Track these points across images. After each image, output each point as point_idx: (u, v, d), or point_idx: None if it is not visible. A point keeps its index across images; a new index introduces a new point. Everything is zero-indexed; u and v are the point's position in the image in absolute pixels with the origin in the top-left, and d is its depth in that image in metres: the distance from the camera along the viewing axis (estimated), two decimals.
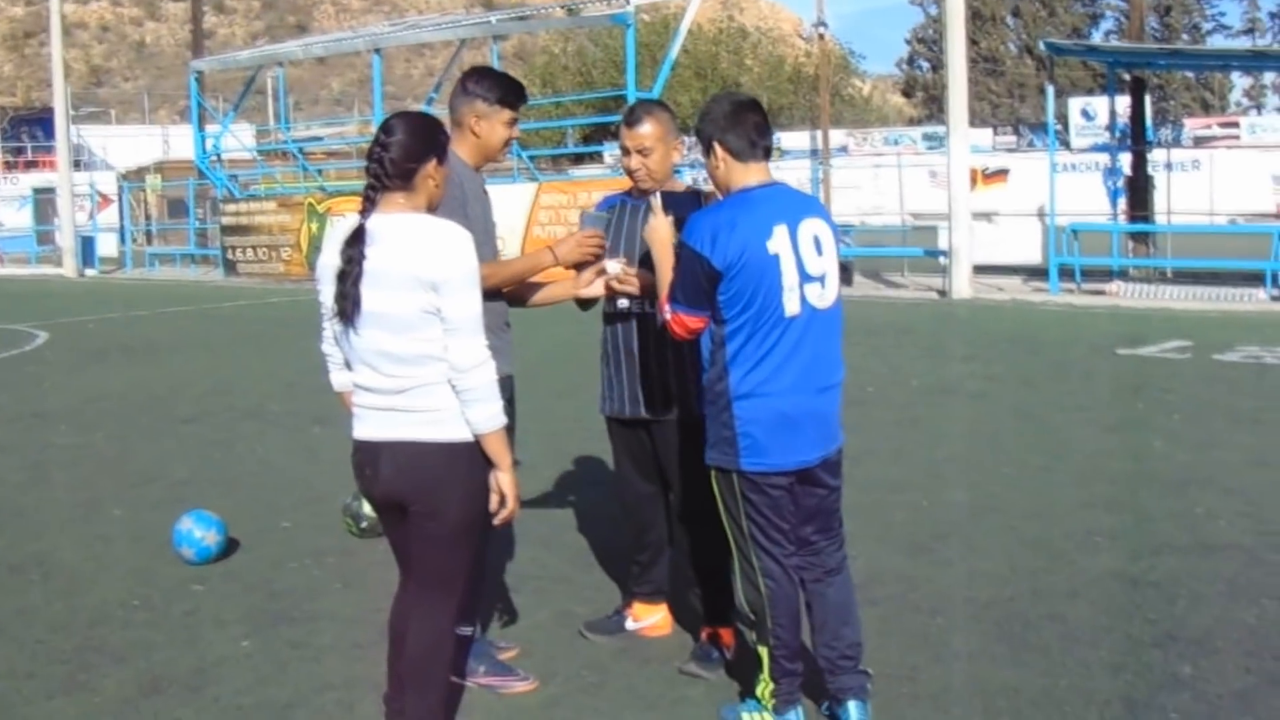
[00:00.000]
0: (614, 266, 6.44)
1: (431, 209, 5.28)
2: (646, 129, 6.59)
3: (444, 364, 5.07)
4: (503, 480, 5.22)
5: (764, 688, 5.89)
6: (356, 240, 5.08)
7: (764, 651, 5.88)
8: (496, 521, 5.31)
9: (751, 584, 5.90)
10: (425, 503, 5.18)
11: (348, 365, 5.35)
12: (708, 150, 5.79)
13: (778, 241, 5.56)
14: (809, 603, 5.97)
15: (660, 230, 6.00)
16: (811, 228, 5.67)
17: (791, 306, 5.59)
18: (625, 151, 6.68)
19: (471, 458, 5.17)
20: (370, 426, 5.23)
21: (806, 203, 5.84)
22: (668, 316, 5.76)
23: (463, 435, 5.14)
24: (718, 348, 5.72)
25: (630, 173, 6.68)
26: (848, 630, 5.90)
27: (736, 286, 5.55)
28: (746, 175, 5.74)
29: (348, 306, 5.07)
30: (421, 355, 5.05)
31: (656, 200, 6.15)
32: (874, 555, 8.48)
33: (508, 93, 6.31)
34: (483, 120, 6.25)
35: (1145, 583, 7.82)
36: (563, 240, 6.44)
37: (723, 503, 5.92)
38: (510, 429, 5.33)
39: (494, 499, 5.25)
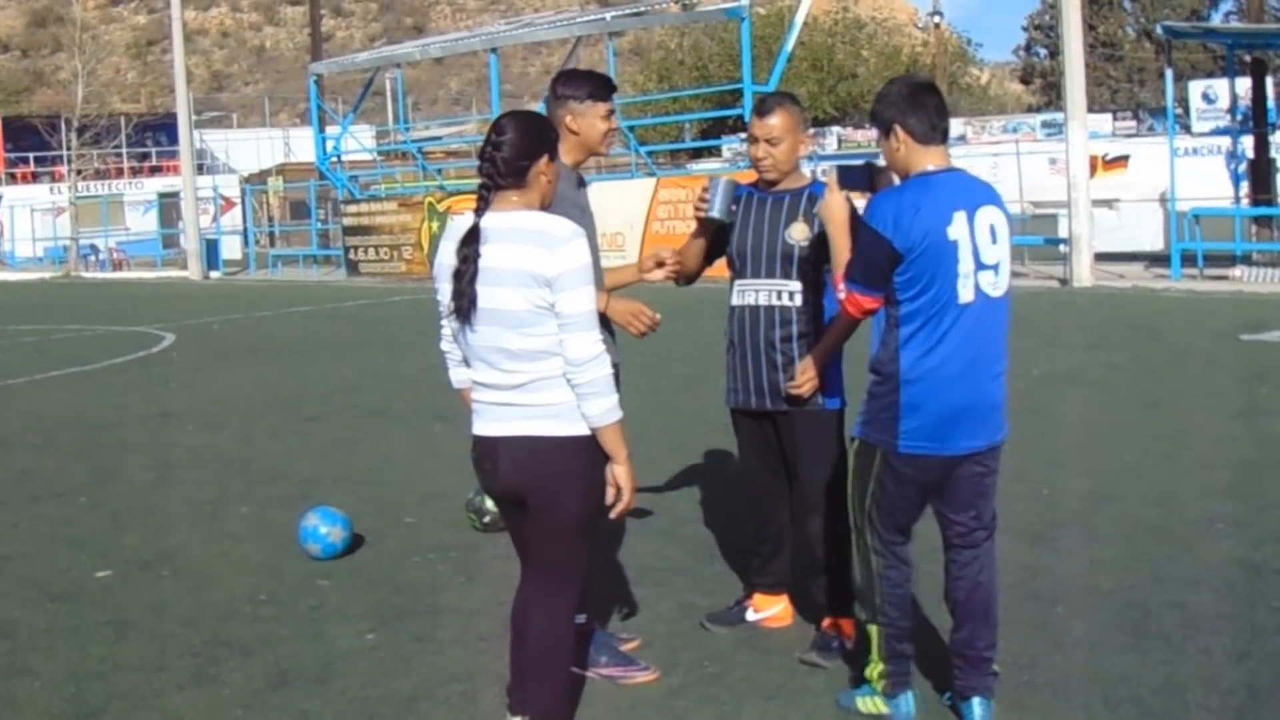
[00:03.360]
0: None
1: (545, 206, 5.35)
2: (776, 119, 6.66)
3: (560, 359, 5.13)
4: (619, 473, 5.27)
5: (873, 668, 5.94)
6: (471, 239, 5.17)
7: (874, 630, 5.93)
8: (613, 515, 5.36)
9: (864, 560, 5.96)
10: (543, 497, 5.26)
11: (466, 362, 5.43)
12: (887, 133, 5.77)
13: (957, 228, 5.56)
14: (955, 598, 5.96)
15: (836, 208, 6.04)
16: (988, 216, 5.66)
17: (966, 294, 5.59)
18: (753, 140, 6.75)
19: (588, 452, 5.24)
20: (489, 422, 5.32)
21: (984, 190, 5.80)
22: (842, 296, 5.79)
23: (579, 430, 5.20)
24: (891, 329, 5.73)
25: (756, 162, 6.75)
26: (987, 629, 5.88)
27: (915, 270, 5.56)
28: (926, 158, 5.72)
29: (464, 305, 5.16)
30: (537, 351, 5.13)
31: (833, 177, 6.19)
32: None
33: (596, 87, 6.43)
34: (579, 118, 6.37)
35: (1269, 570, 7.75)
36: (620, 299, 6.43)
37: (854, 475, 5.95)
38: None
39: (610, 491, 5.30)
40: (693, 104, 63.05)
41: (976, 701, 5.82)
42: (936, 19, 64.74)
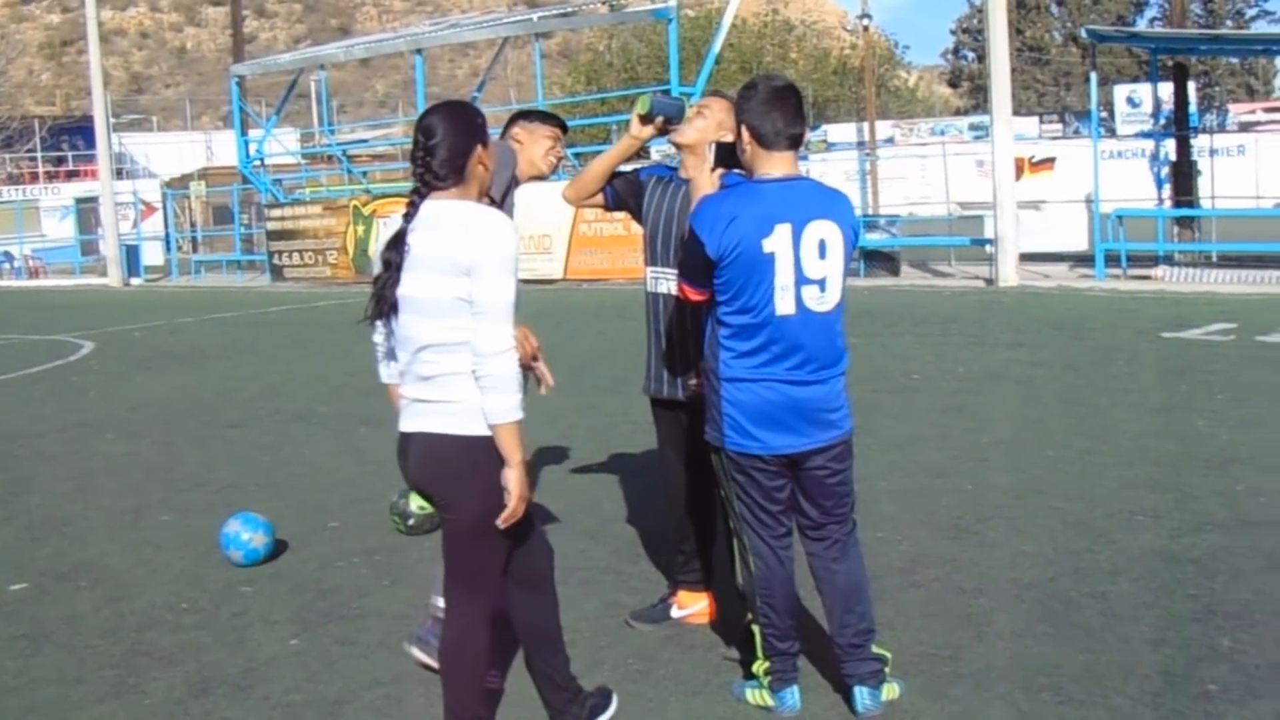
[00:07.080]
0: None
1: (484, 192, 5.33)
2: (714, 100, 6.70)
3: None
4: (510, 476, 5.08)
5: (759, 665, 5.98)
6: (396, 244, 5.13)
7: (757, 630, 5.98)
8: (499, 521, 5.13)
9: (743, 561, 6.01)
10: (443, 495, 5.20)
11: (391, 355, 5.40)
12: (739, 131, 5.77)
13: (776, 240, 5.50)
14: (817, 586, 6.01)
15: (702, 188, 6.09)
16: (820, 230, 5.57)
17: (784, 306, 5.55)
18: None
19: (486, 453, 5.07)
20: (406, 418, 5.27)
21: (823, 203, 5.68)
22: (675, 283, 5.88)
23: (478, 429, 5.06)
24: (714, 327, 5.76)
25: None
26: (853, 617, 5.88)
27: (727, 277, 5.56)
28: (769, 165, 5.67)
29: (383, 309, 5.16)
30: (450, 344, 5.02)
31: (711, 150, 6.21)
32: (919, 539, 8.54)
33: (547, 118, 6.86)
34: (524, 134, 6.77)
35: (1186, 559, 7.85)
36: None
37: (719, 479, 6.00)
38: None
39: (505, 496, 5.12)
40: (621, 106, 62.89)
41: (856, 691, 5.84)
42: (865, 22, 64.97)
